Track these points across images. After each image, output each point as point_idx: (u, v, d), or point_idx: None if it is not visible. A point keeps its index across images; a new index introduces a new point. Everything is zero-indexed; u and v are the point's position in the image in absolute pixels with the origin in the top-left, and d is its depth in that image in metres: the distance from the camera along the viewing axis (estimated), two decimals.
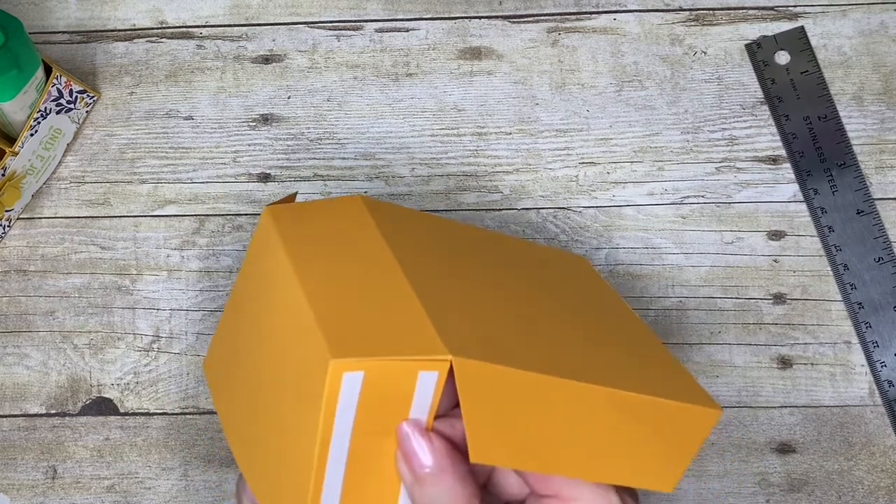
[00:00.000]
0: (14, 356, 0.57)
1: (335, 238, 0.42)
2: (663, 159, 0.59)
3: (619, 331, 0.45)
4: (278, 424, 0.39)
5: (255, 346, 0.42)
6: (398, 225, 0.45)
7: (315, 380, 0.36)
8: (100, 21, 0.61)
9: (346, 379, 0.35)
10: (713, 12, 0.61)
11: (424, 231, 0.46)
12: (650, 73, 0.60)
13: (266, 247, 0.43)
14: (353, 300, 0.38)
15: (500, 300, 0.43)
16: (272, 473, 0.39)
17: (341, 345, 0.36)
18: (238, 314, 0.45)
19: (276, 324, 0.40)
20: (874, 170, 0.59)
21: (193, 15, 0.61)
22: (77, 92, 0.58)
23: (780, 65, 0.60)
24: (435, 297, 0.39)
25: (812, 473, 0.56)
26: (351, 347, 0.36)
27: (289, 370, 0.39)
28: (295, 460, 0.37)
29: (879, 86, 0.59)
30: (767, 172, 0.59)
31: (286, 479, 0.38)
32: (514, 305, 0.43)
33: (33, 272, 0.58)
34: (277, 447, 0.39)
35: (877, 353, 0.56)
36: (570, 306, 0.46)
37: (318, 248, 0.41)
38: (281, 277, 0.40)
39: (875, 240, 0.57)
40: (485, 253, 0.47)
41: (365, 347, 0.36)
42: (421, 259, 0.42)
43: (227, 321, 0.46)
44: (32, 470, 0.56)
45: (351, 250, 0.42)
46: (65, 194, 0.59)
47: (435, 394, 0.36)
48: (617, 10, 0.61)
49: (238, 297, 0.45)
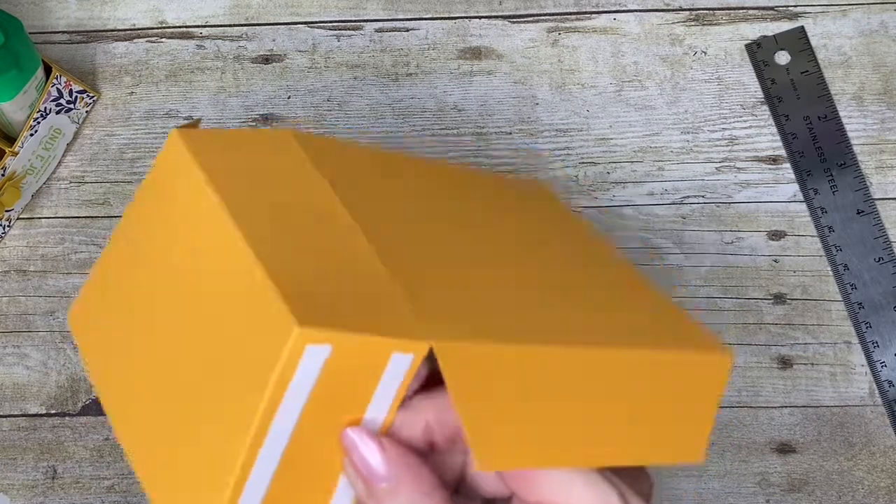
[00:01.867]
0: (14, 356, 0.57)
1: (271, 181, 0.35)
2: (663, 159, 0.59)
3: (602, 272, 0.40)
4: (194, 404, 0.32)
5: (160, 303, 0.34)
6: (340, 166, 0.37)
7: (263, 351, 0.29)
8: (100, 21, 0.61)
9: (309, 352, 0.29)
10: (713, 12, 0.61)
11: (370, 170, 0.39)
12: (650, 73, 0.60)
13: (177, 179, 0.35)
14: (307, 259, 0.32)
15: (471, 255, 0.37)
16: (176, 467, 0.32)
17: (307, 311, 0.29)
18: (130, 259, 0.36)
19: (199, 277, 0.33)
20: (874, 170, 0.58)
21: (193, 15, 0.61)
22: (77, 92, 0.58)
23: (780, 65, 0.60)
24: (399, 259, 0.34)
25: (812, 473, 0.56)
26: (319, 315, 0.29)
27: (219, 336, 0.32)
28: (212, 451, 0.31)
29: (879, 86, 0.59)
30: (767, 172, 0.59)
31: (194, 474, 0.31)
32: (489, 260, 0.37)
33: (33, 272, 0.58)
34: (188, 433, 0.32)
35: (877, 353, 0.56)
36: (547, 251, 0.40)
37: (252, 191, 0.34)
38: (205, 220, 0.33)
39: (875, 240, 0.57)
40: (442, 193, 0.41)
41: (334, 317, 0.30)
42: (373, 208, 0.36)
43: (111, 267, 0.37)
44: (32, 470, 0.56)
45: (292, 197, 0.34)
46: (65, 194, 0.59)
47: (404, 380, 0.31)
48: (617, 10, 0.61)
49: (130, 237, 0.37)
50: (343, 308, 0.30)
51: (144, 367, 0.34)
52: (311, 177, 0.35)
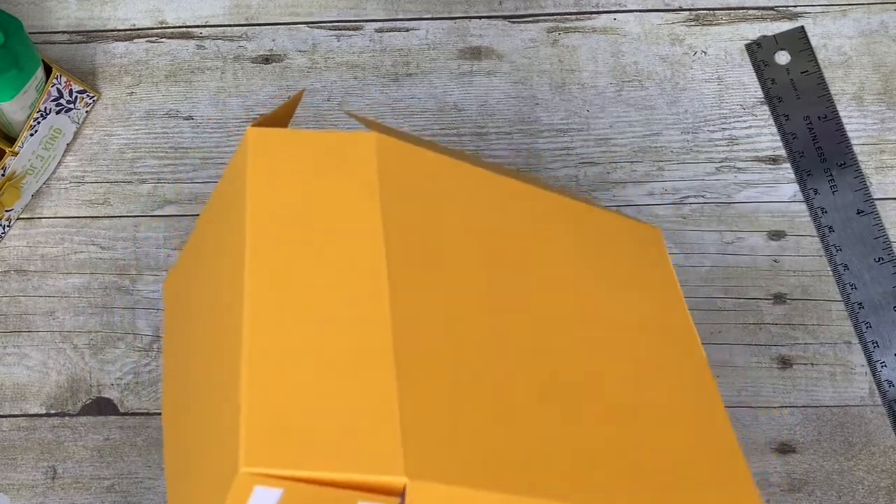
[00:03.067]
0: (14, 356, 0.57)
1: (318, 222, 0.32)
2: (663, 159, 0.59)
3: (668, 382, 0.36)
4: (193, 443, 0.32)
5: (204, 313, 0.34)
6: (411, 194, 0.34)
7: (222, 473, 0.29)
8: (100, 21, 0.61)
9: (258, 494, 0.28)
10: (713, 12, 0.61)
11: (444, 203, 0.35)
12: (650, 73, 0.60)
13: (234, 193, 0.34)
14: (303, 354, 0.30)
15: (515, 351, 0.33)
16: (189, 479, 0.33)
17: (261, 445, 0.28)
18: (205, 249, 0.36)
19: (215, 315, 0.33)
20: (874, 170, 0.58)
21: (193, 15, 0.61)
22: (77, 92, 0.58)
23: (780, 65, 0.60)
24: (421, 354, 0.31)
25: (812, 473, 0.56)
26: (273, 451, 0.28)
27: (210, 397, 0.31)
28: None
29: (879, 86, 0.59)
30: (767, 172, 0.59)
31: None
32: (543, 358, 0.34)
33: (33, 272, 0.58)
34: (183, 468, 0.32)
35: (877, 353, 0.56)
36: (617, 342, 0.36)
37: (290, 234, 0.32)
38: (234, 261, 0.32)
39: (875, 240, 0.57)
40: (521, 242, 0.36)
41: (292, 453, 0.28)
42: (423, 272, 0.33)
43: (198, 248, 0.37)
44: (32, 470, 0.56)
45: (332, 251, 0.32)
46: (65, 194, 0.59)
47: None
48: (617, 10, 0.61)
49: (207, 229, 0.36)
50: (311, 437, 0.28)
51: (185, 373, 0.34)
52: (366, 220, 0.32)
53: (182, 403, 0.35)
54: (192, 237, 0.37)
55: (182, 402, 0.35)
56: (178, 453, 0.35)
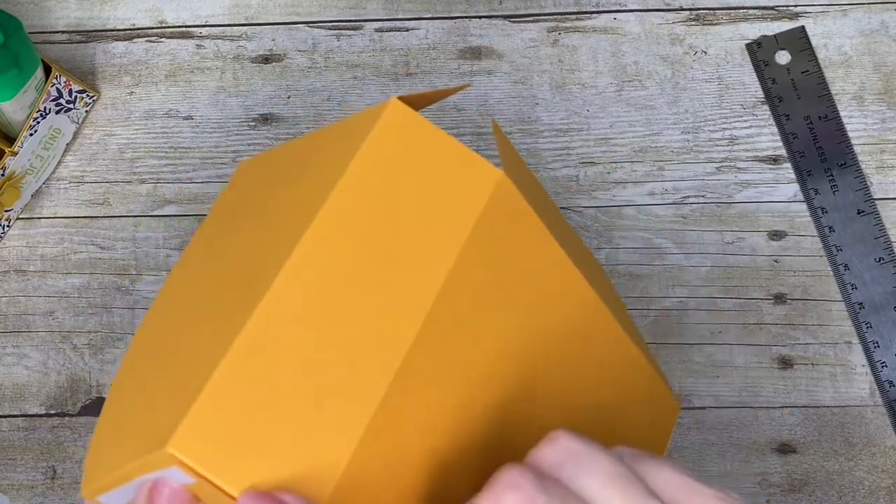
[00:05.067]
0: (13, 356, 0.57)
1: (395, 223, 0.31)
2: (664, 159, 0.59)
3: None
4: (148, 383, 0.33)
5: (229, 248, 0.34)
6: (498, 251, 0.33)
7: (151, 435, 0.29)
8: (99, 21, 0.61)
9: (172, 470, 0.29)
10: (713, 12, 0.61)
11: (520, 281, 0.34)
12: (650, 73, 0.60)
13: (339, 149, 0.33)
14: (297, 358, 0.29)
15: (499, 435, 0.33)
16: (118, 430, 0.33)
17: (197, 437, 0.28)
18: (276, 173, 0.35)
19: (247, 258, 0.33)
20: (875, 170, 0.58)
21: (193, 14, 0.61)
22: (76, 92, 0.58)
23: (780, 64, 0.59)
24: (402, 416, 0.30)
25: (813, 474, 0.56)
26: (204, 448, 0.28)
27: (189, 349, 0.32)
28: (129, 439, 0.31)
29: (880, 85, 0.59)
30: (768, 172, 0.59)
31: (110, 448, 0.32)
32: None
33: (33, 272, 0.58)
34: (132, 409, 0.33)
35: (877, 353, 0.56)
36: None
37: (360, 221, 0.31)
38: (298, 217, 0.32)
39: (875, 240, 0.57)
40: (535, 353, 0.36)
41: (221, 458, 0.28)
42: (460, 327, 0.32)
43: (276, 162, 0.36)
44: (32, 470, 0.55)
45: (392, 259, 0.31)
46: (64, 194, 0.59)
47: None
48: (617, 9, 0.61)
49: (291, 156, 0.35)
50: (253, 456, 0.28)
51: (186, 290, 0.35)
52: (440, 254, 0.31)
53: (159, 332, 0.35)
54: (278, 151, 0.37)
55: (159, 332, 0.35)
56: (126, 388, 0.35)
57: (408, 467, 0.31)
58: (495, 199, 0.32)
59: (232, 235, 0.37)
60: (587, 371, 0.38)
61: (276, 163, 0.38)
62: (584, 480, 0.27)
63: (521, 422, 0.34)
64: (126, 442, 0.32)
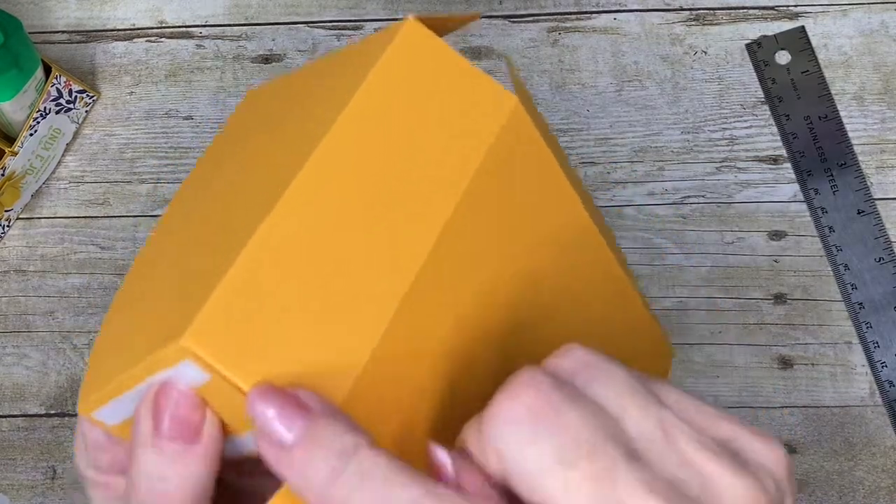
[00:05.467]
0: (13, 356, 0.57)
1: (411, 139, 0.31)
2: (664, 159, 0.59)
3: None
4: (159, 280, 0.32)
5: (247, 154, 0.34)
6: (512, 175, 0.33)
7: (162, 330, 0.29)
8: (99, 21, 0.61)
9: (184, 366, 0.28)
10: (713, 12, 0.61)
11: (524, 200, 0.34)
12: (650, 73, 0.60)
13: (354, 66, 0.33)
14: (316, 256, 0.29)
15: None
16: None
17: (215, 330, 0.27)
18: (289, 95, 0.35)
19: (259, 169, 0.32)
20: (875, 170, 0.58)
21: (193, 14, 0.61)
22: (76, 92, 0.58)
23: (780, 64, 0.59)
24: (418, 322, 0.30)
25: (813, 474, 0.56)
26: (222, 342, 0.27)
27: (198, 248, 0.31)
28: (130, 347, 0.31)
29: (880, 86, 0.59)
30: (768, 172, 0.58)
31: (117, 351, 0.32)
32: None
33: (33, 272, 0.58)
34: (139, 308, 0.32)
35: (877, 353, 0.56)
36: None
37: (376, 135, 0.31)
38: (312, 129, 0.31)
39: (875, 240, 0.57)
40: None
41: (237, 352, 0.27)
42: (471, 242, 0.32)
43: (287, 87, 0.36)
44: (32, 470, 0.55)
45: (407, 173, 0.31)
46: (64, 194, 0.59)
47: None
48: (617, 9, 0.61)
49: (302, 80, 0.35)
50: (269, 352, 0.28)
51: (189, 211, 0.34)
52: (455, 174, 0.31)
53: (162, 251, 0.35)
54: (288, 77, 0.37)
55: (162, 251, 0.35)
56: (127, 304, 0.35)
57: (423, 372, 0.31)
58: (510, 125, 0.32)
59: (241, 155, 0.36)
60: (589, 307, 0.38)
61: (287, 87, 0.38)
62: (598, 389, 0.27)
63: (531, 342, 0.34)
64: (129, 348, 0.31)
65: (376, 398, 0.29)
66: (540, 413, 0.26)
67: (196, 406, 0.29)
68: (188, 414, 0.29)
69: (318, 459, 0.26)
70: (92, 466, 0.34)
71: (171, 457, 0.29)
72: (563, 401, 0.26)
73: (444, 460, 0.27)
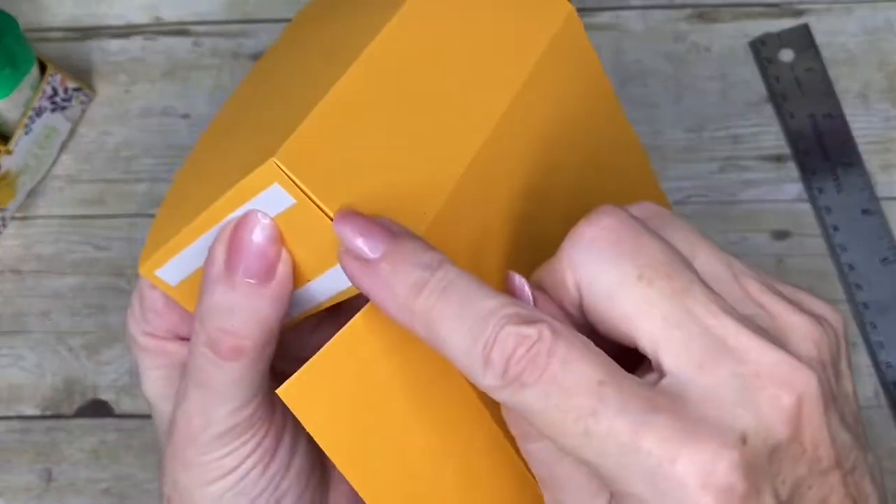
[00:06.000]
0: (8, 357, 0.57)
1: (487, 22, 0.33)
2: (666, 158, 0.58)
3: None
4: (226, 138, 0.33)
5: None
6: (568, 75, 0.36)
7: (247, 160, 0.29)
8: (95, 18, 0.61)
9: (271, 192, 0.29)
10: (717, 9, 0.60)
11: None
12: (653, 71, 0.59)
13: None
14: (407, 90, 0.31)
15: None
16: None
17: (300, 148, 0.28)
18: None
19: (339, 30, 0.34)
20: (880, 169, 0.58)
21: (190, 11, 0.61)
22: (72, 90, 0.58)
23: (784, 62, 0.59)
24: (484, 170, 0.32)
25: None
26: (305, 161, 0.28)
27: (277, 95, 0.33)
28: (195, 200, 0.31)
29: (885, 84, 0.59)
30: (772, 171, 0.58)
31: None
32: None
33: (28, 272, 0.58)
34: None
35: (882, 353, 0.55)
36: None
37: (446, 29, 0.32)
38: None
39: (881, 240, 0.56)
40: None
41: (327, 178, 0.28)
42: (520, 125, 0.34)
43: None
44: (27, 473, 0.55)
45: (478, 48, 0.33)
46: (60, 193, 0.59)
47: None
48: (619, 6, 0.60)
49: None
50: (358, 180, 0.29)
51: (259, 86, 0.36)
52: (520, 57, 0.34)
53: (232, 115, 0.36)
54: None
55: (233, 114, 0.36)
56: (196, 162, 0.36)
57: (492, 218, 0.32)
58: (564, 30, 0.35)
59: (301, 47, 0.37)
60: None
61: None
62: (669, 232, 0.30)
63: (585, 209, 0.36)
64: (194, 201, 0.31)
65: (452, 235, 0.30)
66: (621, 236, 0.28)
67: (274, 240, 0.30)
68: (265, 248, 0.30)
69: (402, 272, 0.27)
70: (145, 332, 0.35)
71: (244, 293, 0.30)
72: (643, 229, 0.28)
73: (520, 284, 0.29)
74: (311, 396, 0.29)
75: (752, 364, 0.27)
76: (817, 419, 0.27)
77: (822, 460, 0.28)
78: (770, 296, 0.30)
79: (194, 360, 0.32)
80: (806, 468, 0.28)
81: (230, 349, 0.31)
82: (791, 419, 0.27)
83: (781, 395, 0.27)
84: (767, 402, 0.27)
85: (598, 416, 0.26)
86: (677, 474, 0.26)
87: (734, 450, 0.26)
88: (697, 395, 0.27)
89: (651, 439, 0.26)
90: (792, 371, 0.27)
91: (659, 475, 0.26)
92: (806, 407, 0.27)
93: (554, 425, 0.26)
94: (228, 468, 0.34)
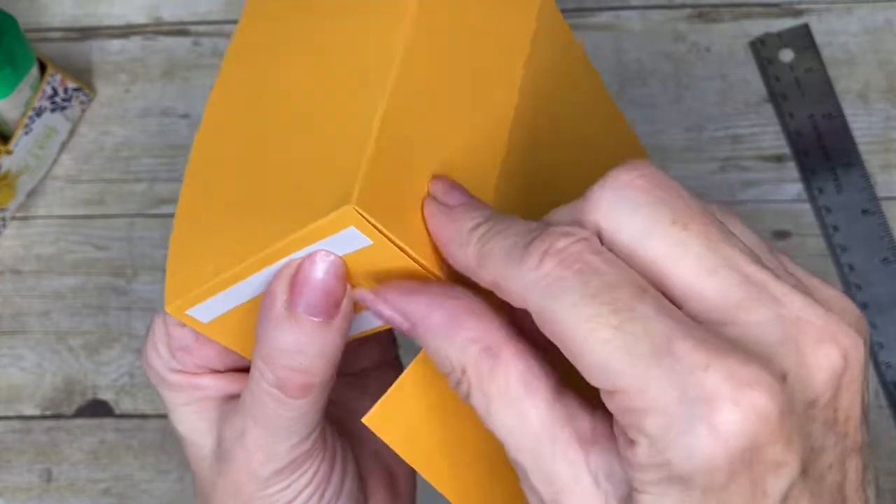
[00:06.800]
0: (8, 357, 0.57)
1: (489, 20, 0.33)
2: (666, 158, 0.58)
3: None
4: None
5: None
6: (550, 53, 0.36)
7: (310, 204, 0.29)
8: (95, 18, 0.61)
9: (346, 234, 0.28)
10: (716, 9, 0.60)
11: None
12: (653, 71, 0.59)
13: None
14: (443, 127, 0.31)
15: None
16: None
17: (375, 196, 0.28)
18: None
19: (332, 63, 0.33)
20: (879, 169, 0.58)
21: (190, 11, 0.61)
22: (72, 90, 0.58)
23: (784, 62, 0.59)
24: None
25: None
26: (379, 200, 0.28)
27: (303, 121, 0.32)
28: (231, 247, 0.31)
29: (885, 84, 0.59)
30: (771, 171, 0.58)
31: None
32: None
33: (28, 272, 0.58)
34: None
35: (882, 354, 0.55)
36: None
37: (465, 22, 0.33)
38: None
39: (881, 239, 0.56)
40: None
41: (401, 216, 0.28)
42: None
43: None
44: (27, 472, 0.55)
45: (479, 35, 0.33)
46: (60, 193, 0.59)
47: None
48: (619, 6, 0.60)
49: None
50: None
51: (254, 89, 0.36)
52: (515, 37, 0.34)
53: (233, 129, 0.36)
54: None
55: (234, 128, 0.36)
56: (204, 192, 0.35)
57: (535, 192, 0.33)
58: (542, 9, 0.35)
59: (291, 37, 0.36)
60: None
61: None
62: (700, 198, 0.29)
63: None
64: (247, 231, 0.31)
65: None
66: (657, 183, 0.27)
67: (341, 278, 0.29)
68: (333, 286, 0.29)
69: (466, 216, 0.28)
70: (174, 370, 0.35)
71: (310, 332, 0.30)
72: (678, 183, 0.27)
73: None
74: (395, 419, 0.29)
75: (796, 310, 0.25)
76: (855, 389, 0.25)
77: (848, 437, 0.26)
78: (803, 272, 0.28)
79: (258, 399, 0.31)
80: (833, 440, 0.25)
81: (299, 388, 0.31)
82: (833, 378, 0.25)
83: (828, 347, 0.24)
84: (812, 351, 0.24)
85: (634, 311, 0.24)
86: (708, 382, 0.23)
87: (774, 380, 0.23)
88: (736, 333, 0.24)
89: (684, 346, 0.23)
90: (839, 329, 0.25)
91: (689, 383, 0.23)
92: (848, 372, 0.25)
93: (587, 320, 0.25)
94: (287, 500, 0.33)
